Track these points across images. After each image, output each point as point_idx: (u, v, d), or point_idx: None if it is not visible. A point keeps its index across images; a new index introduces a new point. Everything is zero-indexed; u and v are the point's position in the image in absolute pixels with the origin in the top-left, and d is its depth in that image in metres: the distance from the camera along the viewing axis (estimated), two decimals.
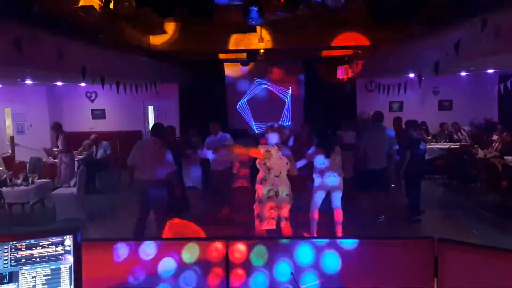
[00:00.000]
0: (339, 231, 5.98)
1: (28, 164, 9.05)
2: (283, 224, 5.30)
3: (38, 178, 7.84)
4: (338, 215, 5.99)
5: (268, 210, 5.24)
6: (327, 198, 6.00)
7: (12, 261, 1.53)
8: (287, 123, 12.50)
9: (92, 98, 13.08)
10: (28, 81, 10.12)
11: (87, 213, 7.63)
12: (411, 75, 9.12)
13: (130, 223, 6.02)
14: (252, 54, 9.68)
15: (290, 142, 6.98)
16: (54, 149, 10.45)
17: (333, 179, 5.87)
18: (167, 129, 7.18)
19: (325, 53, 10.96)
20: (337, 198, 5.96)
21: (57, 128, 9.22)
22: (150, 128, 10.32)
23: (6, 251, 1.53)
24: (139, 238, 5.29)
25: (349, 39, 8.55)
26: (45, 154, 10.52)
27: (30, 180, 7.51)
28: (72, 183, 8.12)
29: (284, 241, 2.17)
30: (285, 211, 5.30)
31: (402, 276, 2.01)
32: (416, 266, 2.02)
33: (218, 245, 2.08)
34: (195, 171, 9.10)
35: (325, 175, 5.86)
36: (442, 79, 11.74)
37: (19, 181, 7.44)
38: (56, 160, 9.92)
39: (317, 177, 5.94)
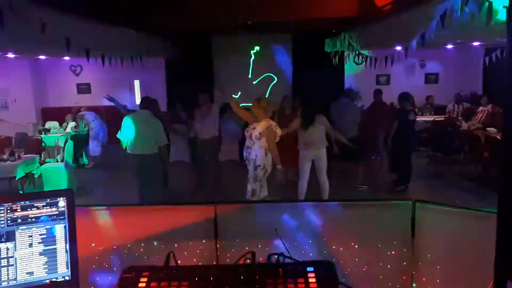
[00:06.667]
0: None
1: (13, 140, 8.95)
2: None
3: (24, 154, 7.78)
4: (324, 184, 6.15)
5: None
6: (313, 169, 6.14)
7: (9, 221, 1.59)
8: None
9: (77, 71, 12.87)
10: (10, 55, 9.88)
11: (76, 187, 7.64)
12: (398, 48, 9.11)
13: (117, 195, 6.11)
14: (240, 26, 9.55)
15: None
16: None
17: (316, 150, 5.98)
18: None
19: (312, 25, 10.85)
20: (321, 169, 6.09)
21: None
22: (137, 102, 10.35)
23: (2, 212, 1.57)
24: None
25: (336, 10, 8.50)
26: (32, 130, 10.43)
27: (16, 155, 7.45)
28: (59, 158, 8.09)
29: (270, 203, 2.25)
30: None
31: (380, 237, 2.09)
32: (394, 227, 2.09)
33: (207, 209, 2.14)
34: (182, 144, 9.14)
35: (308, 145, 5.97)
36: (429, 53, 11.78)
37: (5, 156, 7.39)
38: (41, 136, 9.89)
39: (301, 148, 6.05)
